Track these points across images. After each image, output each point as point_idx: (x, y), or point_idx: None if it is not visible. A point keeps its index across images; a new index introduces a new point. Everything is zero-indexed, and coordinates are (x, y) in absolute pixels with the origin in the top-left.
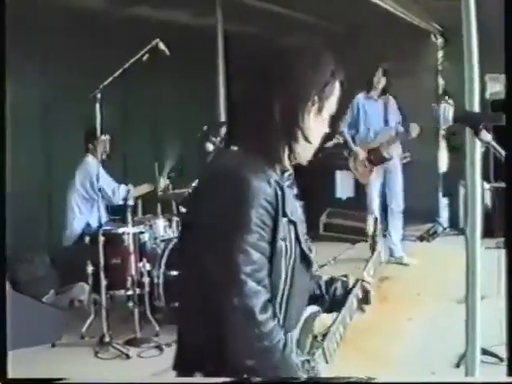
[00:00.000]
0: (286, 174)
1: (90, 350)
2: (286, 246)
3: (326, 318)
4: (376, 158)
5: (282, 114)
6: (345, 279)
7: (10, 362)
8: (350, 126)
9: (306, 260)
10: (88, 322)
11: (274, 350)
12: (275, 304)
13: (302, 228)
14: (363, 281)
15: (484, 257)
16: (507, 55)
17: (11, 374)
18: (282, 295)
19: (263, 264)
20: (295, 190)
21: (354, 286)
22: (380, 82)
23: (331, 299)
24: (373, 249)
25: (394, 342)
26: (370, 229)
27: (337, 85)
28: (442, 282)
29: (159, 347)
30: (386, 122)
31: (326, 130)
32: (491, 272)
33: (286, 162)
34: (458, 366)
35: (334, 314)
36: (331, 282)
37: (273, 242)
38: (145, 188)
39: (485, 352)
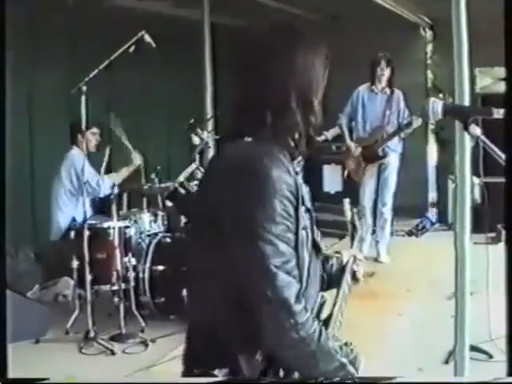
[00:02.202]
0: (296, 161)
1: (75, 346)
2: (306, 234)
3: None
4: (370, 155)
5: (300, 104)
6: (339, 255)
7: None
8: (348, 119)
9: (315, 247)
10: (73, 317)
11: (311, 339)
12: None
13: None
14: (355, 257)
15: (473, 252)
16: (507, 53)
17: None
18: (305, 284)
19: (291, 255)
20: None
21: (348, 262)
22: (384, 73)
23: (329, 276)
24: (352, 235)
25: (382, 337)
26: (348, 214)
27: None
28: (431, 277)
29: (144, 343)
30: (385, 117)
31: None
32: (480, 268)
33: (298, 148)
34: (446, 362)
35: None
36: (326, 259)
37: (296, 233)
38: (125, 172)
39: (473, 348)
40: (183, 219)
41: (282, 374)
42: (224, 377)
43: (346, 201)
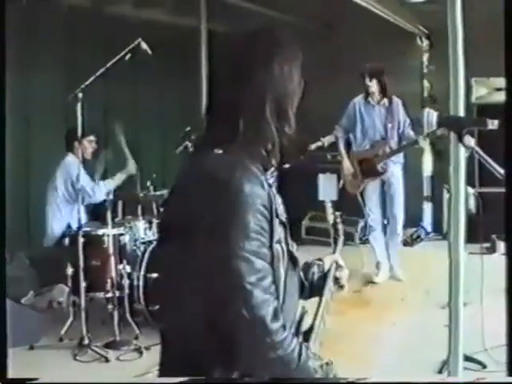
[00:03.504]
0: (270, 171)
1: (69, 353)
2: (281, 248)
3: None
4: (369, 170)
5: (274, 114)
6: (320, 262)
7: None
8: (345, 132)
9: (292, 259)
10: (67, 324)
11: (290, 359)
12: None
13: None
14: (337, 263)
15: (468, 262)
16: (507, 57)
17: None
18: (282, 299)
19: (267, 271)
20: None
21: (330, 269)
22: (370, 84)
23: (310, 284)
24: (335, 239)
25: (376, 346)
26: (330, 217)
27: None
28: (425, 286)
29: (139, 350)
30: (386, 131)
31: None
32: (475, 278)
33: (271, 159)
34: (440, 372)
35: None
36: (307, 267)
37: (271, 247)
38: (119, 178)
39: (467, 358)
40: None
41: None
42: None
43: (328, 205)
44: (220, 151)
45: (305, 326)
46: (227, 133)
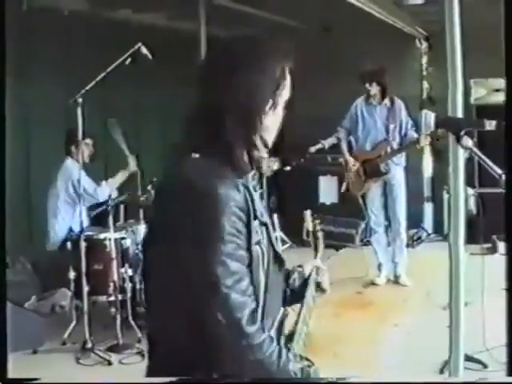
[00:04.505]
0: (250, 175)
1: (72, 357)
2: (261, 249)
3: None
4: (372, 170)
5: (240, 121)
6: (300, 269)
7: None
8: (347, 133)
9: (278, 260)
10: (70, 328)
11: (268, 362)
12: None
13: (272, 228)
14: (318, 268)
15: (469, 263)
16: (507, 58)
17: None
18: (262, 301)
19: (244, 273)
20: (260, 190)
21: (310, 275)
22: (370, 89)
23: (291, 291)
24: (315, 245)
25: (377, 347)
26: (310, 225)
27: (288, 78)
28: (426, 288)
29: (141, 353)
30: (388, 131)
31: (281, 117)
32: (477, 278)
33: (248, 165)
34: (441, 372)
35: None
36: (288, 274)
37: (249, 249)
38: (120, 176)
39: (468, 358)
40: None
41: None
42: None
43: (308, 212)
44: (197, 155)
45: (287, 329)
46: (204, 137)
